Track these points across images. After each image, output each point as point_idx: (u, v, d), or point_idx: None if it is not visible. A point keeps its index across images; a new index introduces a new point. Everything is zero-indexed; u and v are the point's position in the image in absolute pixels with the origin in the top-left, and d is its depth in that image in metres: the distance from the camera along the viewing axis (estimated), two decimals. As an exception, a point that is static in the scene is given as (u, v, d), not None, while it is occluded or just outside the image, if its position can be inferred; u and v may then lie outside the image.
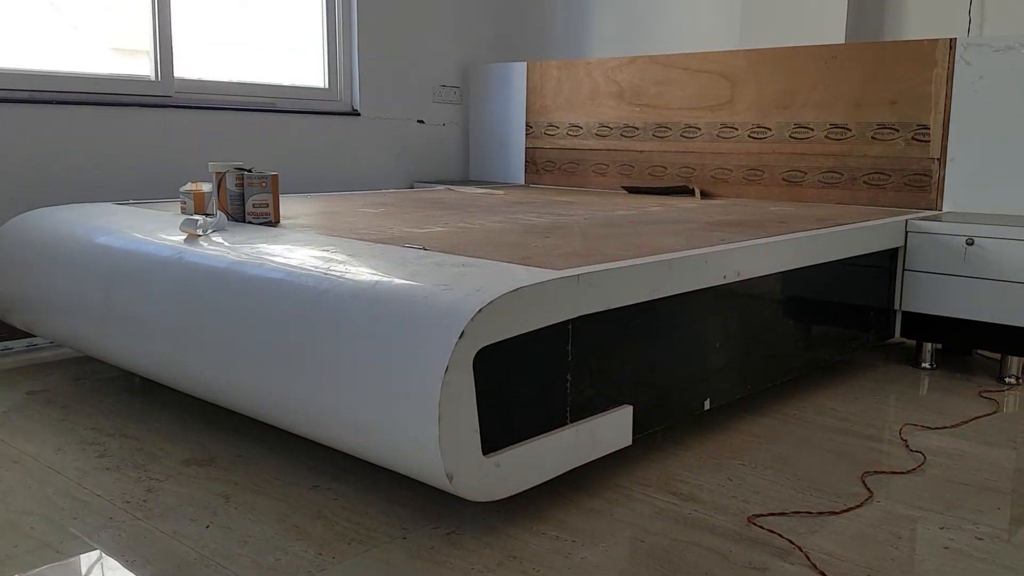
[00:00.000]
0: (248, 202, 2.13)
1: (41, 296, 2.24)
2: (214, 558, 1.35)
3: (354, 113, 3.68)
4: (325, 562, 1.35)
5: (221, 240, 1.93)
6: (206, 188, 2.32)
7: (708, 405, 1.90)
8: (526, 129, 3.91)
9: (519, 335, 1.42)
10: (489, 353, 1.37)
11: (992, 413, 2.14)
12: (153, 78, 3.07)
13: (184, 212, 2.33)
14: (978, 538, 1.46)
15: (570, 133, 3.75)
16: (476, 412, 1.34)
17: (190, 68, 3.22)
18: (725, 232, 2.13)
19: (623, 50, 3.86)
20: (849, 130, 2.97)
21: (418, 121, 3.94)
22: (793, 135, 3.10)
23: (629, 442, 1.66)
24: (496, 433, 1.40)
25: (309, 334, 1.52)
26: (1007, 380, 2.42)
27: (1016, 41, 2.62)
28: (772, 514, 1.54)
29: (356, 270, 1.58)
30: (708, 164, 3.33)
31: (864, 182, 2.96)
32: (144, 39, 3.07)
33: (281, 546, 1.40)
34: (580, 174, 3.74)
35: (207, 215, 2.25)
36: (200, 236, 1.98)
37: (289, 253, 1.76)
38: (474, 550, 1.39)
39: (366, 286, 1.50)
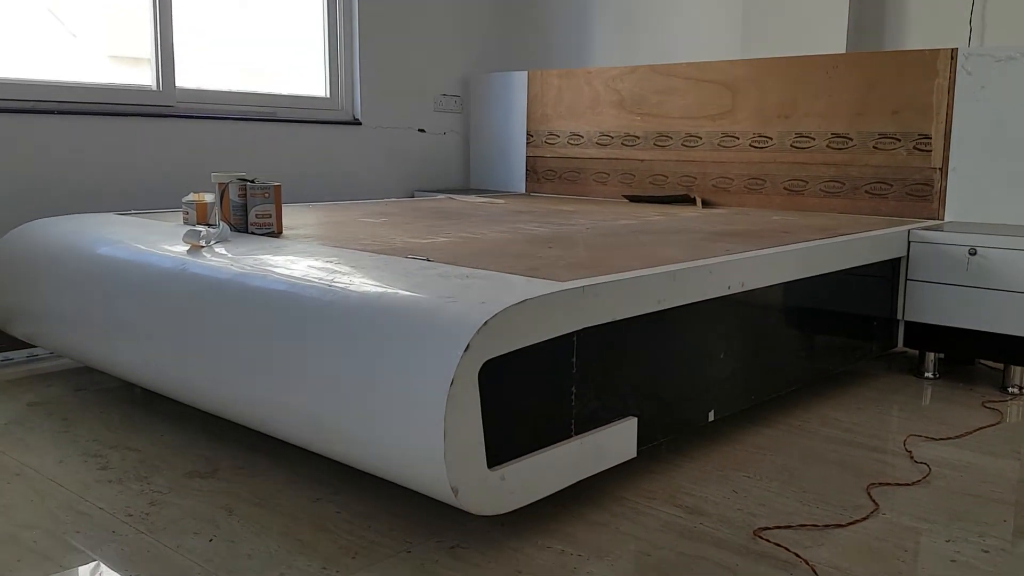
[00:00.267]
0: (251, 212, 2.13)
1: (42, 307, 2.23)
2: (218, 573, 1.35)
3: (355, 122, 3.68)
4: (329, 576, 1.34)
5: (224, 251, 1.92)
6: (208, 198, 2.32)
7: (712, 416, 1.89)
8: (527, 138, 3.91)
9: (524, 347, 1.41)
10: (494, 366, 1.37)
11: (996, 423, 2.13)
12: (154, 88, 3.07)
13: (186, 223, 2.32)
14: (984, 551, 1.45)
15: (571, 142, 3.75)
16: (481, 425, 1.34)
17: (191, 78, 3.22)
18: (728, 242, 2.13)
19: (624, 59, 3.87)
20: (850, 139, 2.97)
21: (419, 130, 3.94)
22: (794, 144, 3.10)
23: (634, 454, 1.65)
24: (501, 446, 1.40)
25: (312, 346, 1.52)
26: (1010, 390, 2.41)
27: (1017, 51, 2.62)
28: (778, 527, 1.53)
29: (360, 282, 1.58)
30: (709, 173, 3.33)
31: (865, 191, 2.96)
32: (144, 47, 3.07)
33: (285, 560, 1.39)
34: (581, 183, 3.74)
35: (210, 225, 2.25)
36: (203, 247, 1.97)
37: (292, 264, 1.76)
38: (479, 564, 1.39)
39: (370, 298, 1.49)
